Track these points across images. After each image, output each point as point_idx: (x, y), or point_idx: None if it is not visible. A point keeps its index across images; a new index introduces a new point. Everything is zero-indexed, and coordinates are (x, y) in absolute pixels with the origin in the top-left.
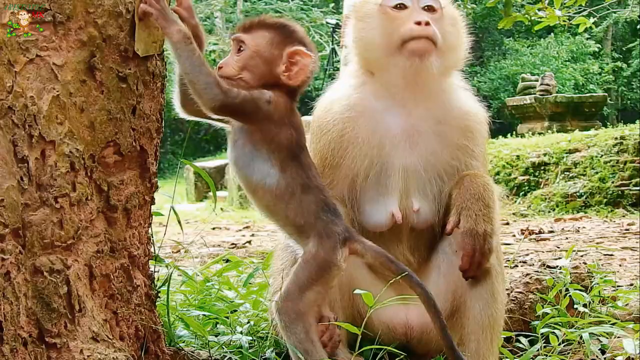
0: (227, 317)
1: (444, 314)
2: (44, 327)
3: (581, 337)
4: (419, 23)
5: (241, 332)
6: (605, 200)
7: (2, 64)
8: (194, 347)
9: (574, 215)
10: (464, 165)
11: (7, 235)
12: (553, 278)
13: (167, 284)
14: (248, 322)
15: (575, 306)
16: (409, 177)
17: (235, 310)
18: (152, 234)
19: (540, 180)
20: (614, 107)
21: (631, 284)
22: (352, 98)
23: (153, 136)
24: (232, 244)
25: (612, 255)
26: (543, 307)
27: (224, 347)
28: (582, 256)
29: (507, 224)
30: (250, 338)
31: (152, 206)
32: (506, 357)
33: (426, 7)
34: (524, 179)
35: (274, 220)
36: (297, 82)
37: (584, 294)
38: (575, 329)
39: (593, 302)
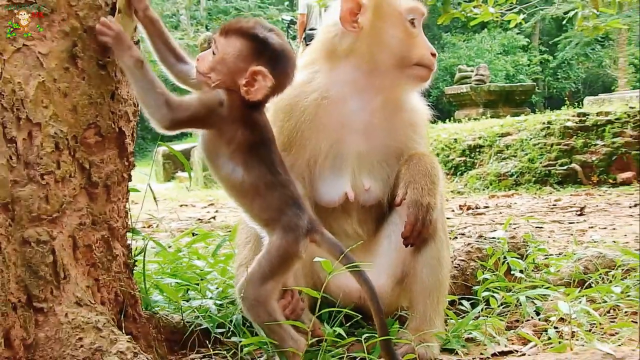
0: (197, 284)
1: (395, 280)
2: (32, 293)
3: (518, 300)
4: (434, 55)
5: (210, 298)
6: (534, 179)
7: None
8: (167, 311)
9: (507, 192)
10: (409, 151)
11: None
12: (492, 247)
13: (143, 253)
14: (217, 289)
15: (512, 272)
16: (362, 162)
17: (205, 278)
18: (129, 209)
19: (476, 161)
20: (542, 95)
21: (560, 253)
22: (324, 84)
23: (130, 119)
24: (199, 219)
25: (542, 227)
26: (483, 274)
27: (195, 311)
28: (514, 228)
29: (447, 200)
30: (219, 303)
31: (129, 183)
32: (450, 318)
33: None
34: (461, 160)
35: (242, 210)
36: (254, 99)
37: (520, 261)
38: (512, 292)
39: (528, 268)
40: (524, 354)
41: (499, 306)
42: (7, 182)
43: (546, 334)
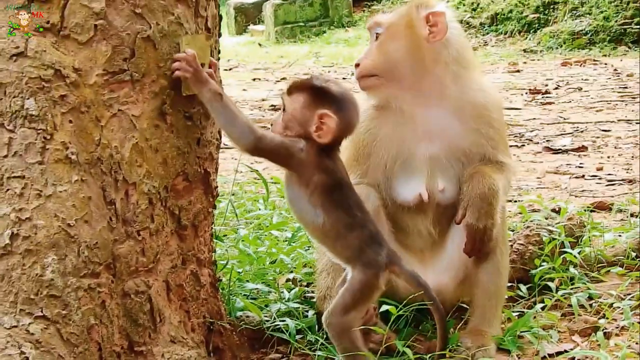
0: (274, 279)
1: (457, 280)
2: (132, 339)
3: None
4: (355, 66)
5: (288, 299)
6: (608, 37)
7: (91, 120)
8: (249, 312)
9: (580, 58)
10: (480, 148)
11: (101, 271)
12: (548, 236)
13: (228, 269)
14: (293, 289)
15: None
16: (433, 164)
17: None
18: (214, 233)
19: (550, 18)
20: None
21: (621, 221)
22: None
23: (214, 157)
24: (272, 105)
25: (609, 131)
26: (541, 263)
27: (274, 315)
28: (581, 132)
29: (518, 71)
30: (296, 305)
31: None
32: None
33: (376, 36)
34: (534, 17)
35: (326, 249)
36: (326, 140)
37: (575, 253)
38: (567, 287)
39: (583, 250)
40: (573, 358)
41: (551, 299)
42: (109, 242)
43: (595, 335)
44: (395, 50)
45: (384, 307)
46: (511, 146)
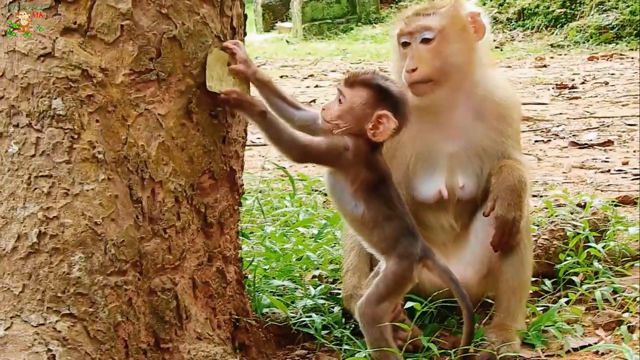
0: (300, 276)
1: (480, 274)
2: (159, 336)
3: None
4: (407, 71)
5: (314, 295)
6: (635, 32)
7: (118, 120)
8: (275, 308)
9: (606, 53)
10: (499, 146)
11: (128, 268)
12: (572, 230)
13: (253, 270)
14: (319, 285)
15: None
16: (453, 161)
17: (308, 269)
18: (240, 230)
19: (576, 12)
20: None
21: None
22: None
23: (239, 154)
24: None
25: (635, 125)
26: (565, 258)
27: (300, 312)
28: (607, 126)
29: (545, 66)
30: (322, 302)
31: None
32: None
33: (423, 40)
34: (561, 12)
35: (362, 239)
36: (380, 139)
37: (600, 248)
38: (592, 280)
39: (607, 244)
40: (597, 352)
41: (575, 294)
42: (135, 240)
43: (619, 329)
44: (454, 54)
45: (409, 304)
46: (537, 141)
